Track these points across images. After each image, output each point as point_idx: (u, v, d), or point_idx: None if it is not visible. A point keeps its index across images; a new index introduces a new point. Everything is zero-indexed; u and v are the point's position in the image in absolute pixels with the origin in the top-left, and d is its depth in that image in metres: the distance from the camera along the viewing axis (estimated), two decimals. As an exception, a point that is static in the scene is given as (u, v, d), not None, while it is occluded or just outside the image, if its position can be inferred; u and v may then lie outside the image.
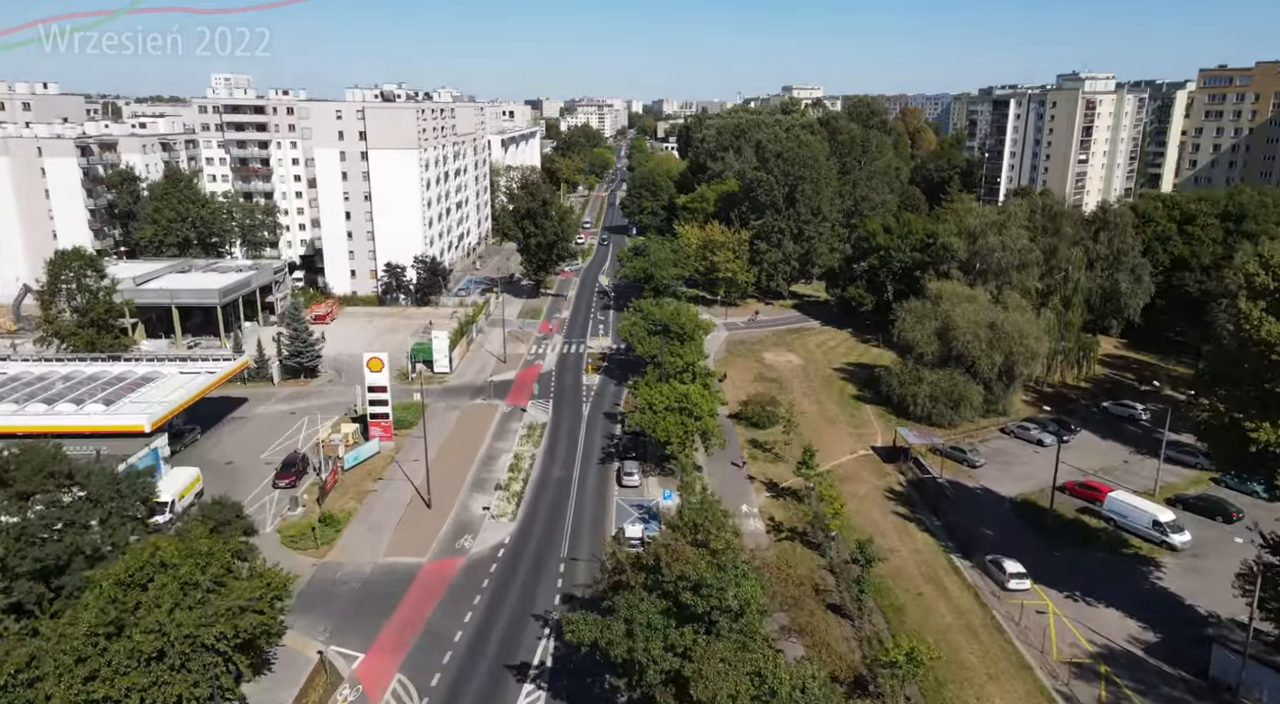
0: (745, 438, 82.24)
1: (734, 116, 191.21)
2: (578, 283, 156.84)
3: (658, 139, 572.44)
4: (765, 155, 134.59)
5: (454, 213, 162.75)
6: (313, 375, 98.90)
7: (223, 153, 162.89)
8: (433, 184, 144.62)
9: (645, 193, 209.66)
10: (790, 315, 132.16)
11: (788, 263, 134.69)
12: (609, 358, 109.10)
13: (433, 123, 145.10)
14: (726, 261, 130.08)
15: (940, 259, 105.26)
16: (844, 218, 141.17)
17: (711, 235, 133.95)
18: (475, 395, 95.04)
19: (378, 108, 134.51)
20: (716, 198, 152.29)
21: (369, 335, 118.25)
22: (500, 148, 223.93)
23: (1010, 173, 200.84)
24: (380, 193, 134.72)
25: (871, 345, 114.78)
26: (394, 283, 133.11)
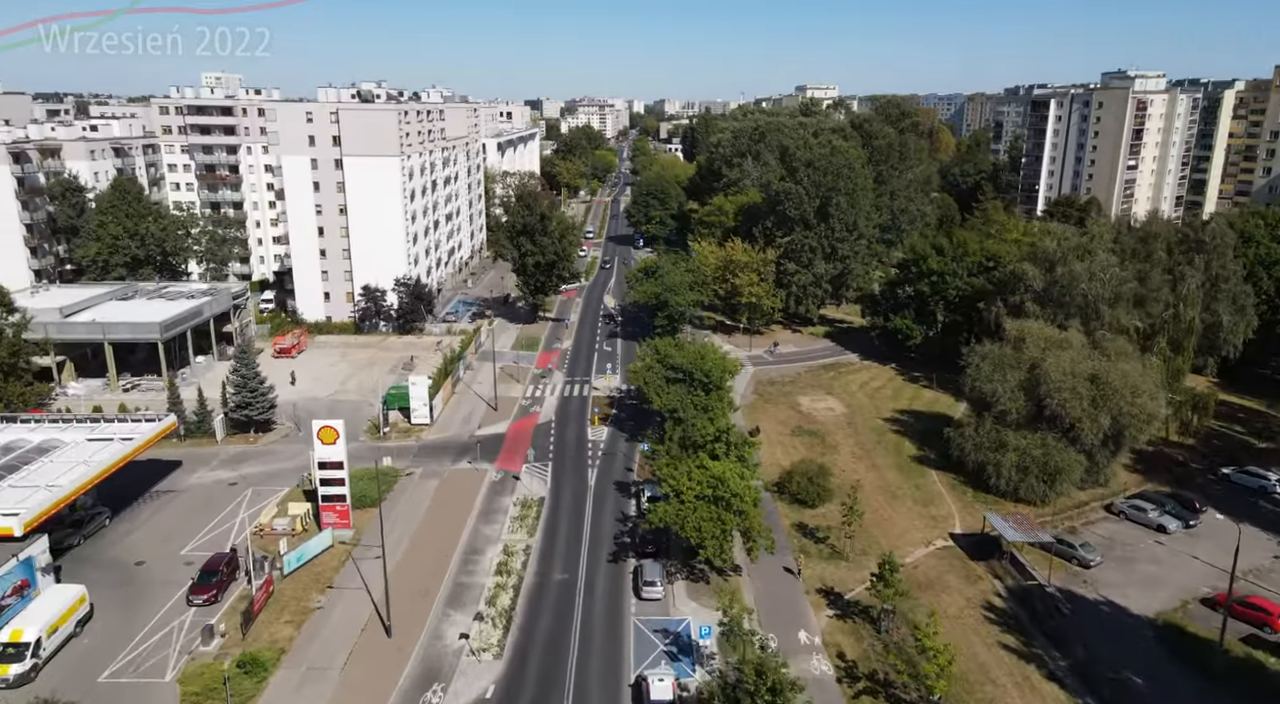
0: (791, 521, 66.17)
1: (750, 118, 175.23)
2: (580, 304, 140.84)
3: (660, 140, 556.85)
4: (793, 163, 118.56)
5: (443, 226, 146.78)
6: (266, 429, 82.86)
7: (187, 159, 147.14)
8: (418, 195, 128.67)
9: (653, 201, 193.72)
10: (823, 346, 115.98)
11: (819, 285, 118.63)
12: (618, 403, 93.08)
13: (418, 126, 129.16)
14: (750, 284, 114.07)
15: (1009, 288, 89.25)
16: (879, 233, 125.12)
17: (733, 254, 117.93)
18: (459, 456, 79.00)
19: (354, 110, 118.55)
20: (736, 210, 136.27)
21: (340, 372, 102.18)
22: (496, 152, 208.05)
23: (1050, 180, 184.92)
24: (357, 206, 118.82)
25: (923, 386, 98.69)
26: (373, 308, 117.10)
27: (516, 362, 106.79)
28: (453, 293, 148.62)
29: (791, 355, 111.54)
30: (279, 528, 62.60)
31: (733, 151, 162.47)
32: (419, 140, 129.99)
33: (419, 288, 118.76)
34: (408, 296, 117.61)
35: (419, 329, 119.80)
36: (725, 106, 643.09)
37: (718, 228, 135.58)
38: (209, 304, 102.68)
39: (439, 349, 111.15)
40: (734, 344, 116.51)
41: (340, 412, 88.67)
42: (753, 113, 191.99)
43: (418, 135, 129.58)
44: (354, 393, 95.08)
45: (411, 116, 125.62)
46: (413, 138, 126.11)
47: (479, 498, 70.12)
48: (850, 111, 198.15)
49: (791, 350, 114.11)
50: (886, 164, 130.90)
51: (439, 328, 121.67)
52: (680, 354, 79.41)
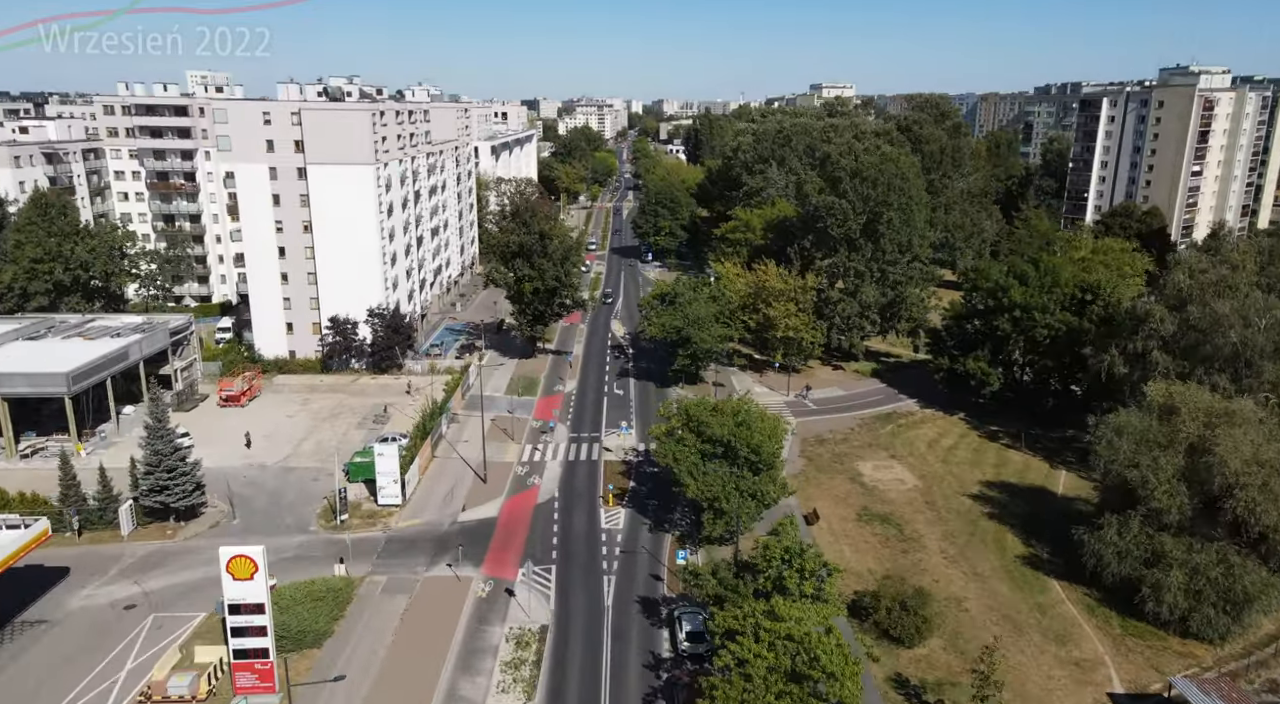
0: (885, 670, 48.41)
1: (772, 119, 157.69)
2: (585, 331, 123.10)
3: (660, 141, 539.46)
4: (836, 173, 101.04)
5: (428, 242, 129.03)
6: (190, 516, 65.06)
7: (136, 165, 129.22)
8: (397, 208, 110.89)
9: (662, 210, 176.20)
10: (872, 389, 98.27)
11: (866, 316, 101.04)
12: (635, 471, 75.46)
13: (397, 129, 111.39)
14: (786, 315, 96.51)
15: (1124, 331, 71.83)
16: (931, 252, 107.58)
17: (765, 280, 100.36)
18: (437, 554, 61.23)
19: (319, 110, 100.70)
20: (764, 225, 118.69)
21: (298, 427, 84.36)
22: (490, 156, 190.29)
23: (1100, 186, 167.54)
24: (324, 222, 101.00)
25: (1004, 444, 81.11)
26: (341, 344, 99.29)
27: (511, 410, 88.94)
28: (439, 318, 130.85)
29: (838, 402, 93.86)
30: (175, 691, 44.76)
31: (754, 156, 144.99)
32: (398, 145, 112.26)
33: (397, 319, 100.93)
34: (383, 329, 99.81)
35: (397, 367, 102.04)
36: (725, 106, 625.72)
37: (743, 245, 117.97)
38: (140, 343, 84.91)
39: (418, 393, 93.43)
40: (766, 384, 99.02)
41: (290, 486, 71.19)
42: (773, 113, 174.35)
43: (397, 139, 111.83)
44: (311, 457, 77.29)
45: (389, 118, 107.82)
46: (391, 142, 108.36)
47: (460, 628, 52.27)
48: (880, 111, 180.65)
49: (836, 394, 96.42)
50: (938, 172, 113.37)
51: (421, 365, 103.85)
52: (717, 421, 61.77)
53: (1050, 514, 66.21)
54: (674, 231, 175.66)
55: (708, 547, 61.79)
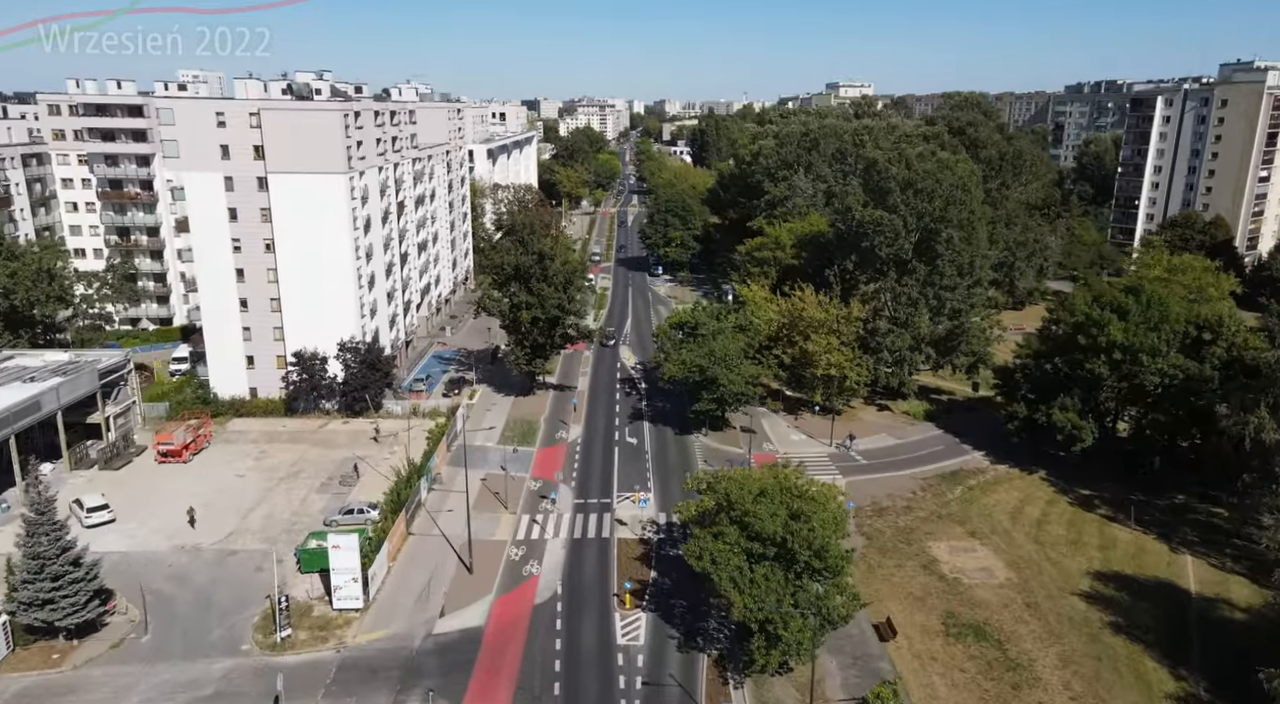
0: None
1: (795, 120, 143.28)
2: (591, 360, 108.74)
3: (664, 142, 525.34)
4: (883, 183, 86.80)
5: (414, 259, 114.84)
6: (88, 631, 50.73)
7: (86, 172, 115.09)
8: (375, 223, 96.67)
9: (672, 219, 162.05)
10: (928, 437, 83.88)
11: (919, 350, 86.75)
12: (657, 555, 61.17)
13: (375, 131, 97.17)
14: (827, 350, 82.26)
15: (1268, 382, 57.58)
16: (994, 272, 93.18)
17: (802, 308, 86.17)
18: (403, 688, 46.94)
19: (282, 110, 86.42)
20: (795, 242, 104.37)
21: (249, 491, 70.06)
22: (486, 160, 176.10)
23: (1153, 193, 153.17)
24: (289, 240, 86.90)
25: (1103, 515, 66.66)
26: (307, 383, 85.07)
27: (504, 464, 74.45)
28: (427, 343, 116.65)
29: (889, 454, 79.55)
30: None
31: (777, 162, 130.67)
32: (378, 150, 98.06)
33: (373, 353, 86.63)
34: (357, 365, 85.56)
35: (374, 408, 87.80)
36: (729, 107, 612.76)
37: (771, 265, 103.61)
38: (59, 390, 70.81)
39: (393, 441, 79.22)
40: (802, 429, 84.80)
41: (226, 580, 57.23)
42: (795, 114, 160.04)
43: (376, 143, 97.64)
44: (258, 535, 63.00)
45: (366, 119, 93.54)
46: (368, 147, 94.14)
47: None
48: (911, 112, 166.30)
49: (886, 443, 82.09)
50: (996, 180, 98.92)
51: (401, 406, 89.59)
52: (765, 511, 47.54)
53: (1195, 626, 51.88)
54: (685, 242, 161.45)
55: (757, 677, 47.54)
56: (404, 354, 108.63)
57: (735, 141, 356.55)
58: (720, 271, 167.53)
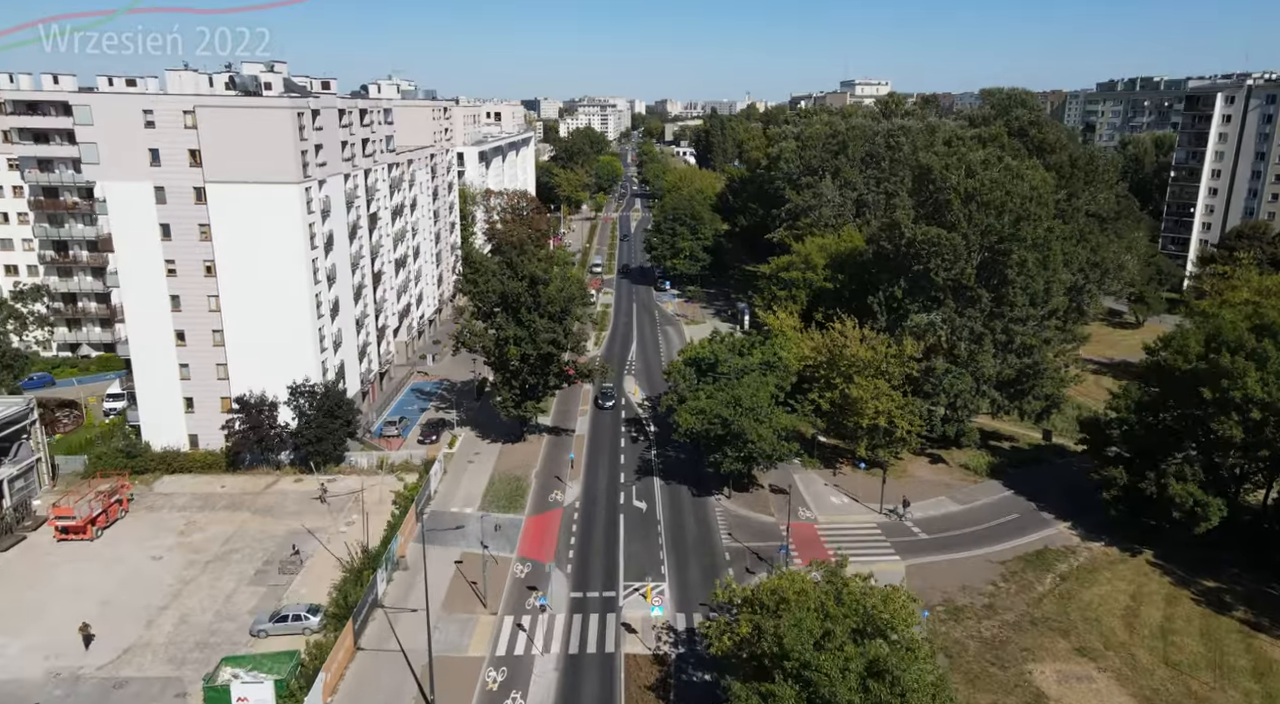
0: None
1: (818, 120, 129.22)
2: (591, 396, 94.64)
3: (666, 142, 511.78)
4: (940, 194, 72.89)
5: (390, 278, 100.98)
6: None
7: (18, 178, 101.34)
8: (340, 239, 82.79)
9: (680, 228, 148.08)
10: (997, 499, 69.78)
11: (983, 393, 72.78)
12: (677, 679, 47.21)
13: (340, 133, 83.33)
14: (873, 395, 68.34)
15: None
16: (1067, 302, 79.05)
17: (843, 344, 72.25)
18: None
19: (222, 107, 72.41)
20: (828, 262, 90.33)
21: (160, 585, 56.06)
22: (478, 163, 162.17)
23: (1211, 200, 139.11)
24: (233, 262, 73.14)
25: (1238, 618, 52.75)
26: (251, 435, 71.11)
27: (484, 540, 60.36)
28: (406, 373, 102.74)
29: (953, 524, 65.55)
30: None
31: (800, 167, 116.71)
32: (344, 154, 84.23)
33: (332, 398, 72.65)
34: (313, 412, 71.60)
35: (334, 460, 73.93)
36: (732, 106, 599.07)
37: (801, 288, 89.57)
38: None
39: (355, 506, 65.26)
40: (844, 490, 70.87)
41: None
42: (816, 113, 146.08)
43: (342, 147, 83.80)
44: (161, 653, 49.00)
45: (328, 119, 79.58)
46: (330, 151, 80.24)
47: None
48: (944, 111, 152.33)
49: (948, 509, 68.08)
50: (1065, 190, 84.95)
51: (368, 458, 75.73)
52: (834, 666, 33.99)
53: None
54: (695, 254, 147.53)
55: None
56: (377, 389, 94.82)
57: (742, 143, 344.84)
58: (733, 285, 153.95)
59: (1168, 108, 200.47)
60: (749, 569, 58.72)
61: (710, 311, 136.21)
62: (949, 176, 72.21)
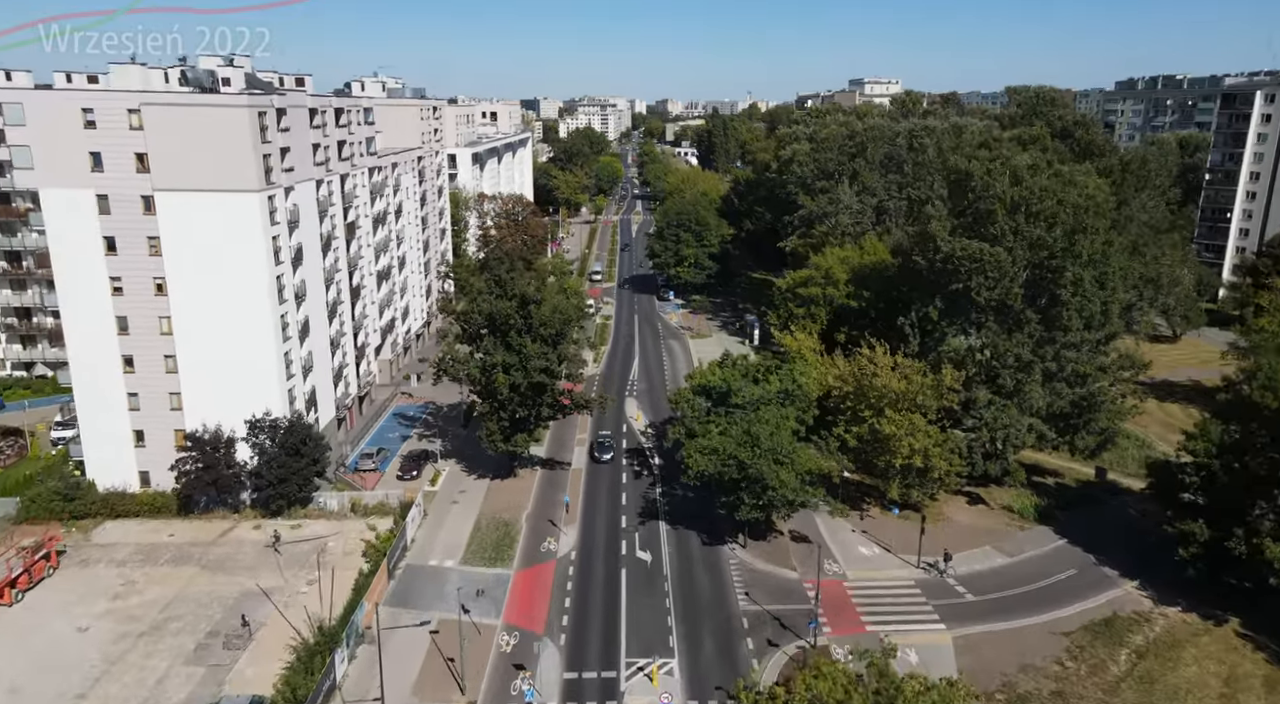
0: None
1: (833, 120, 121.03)
2: (590, 424, 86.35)
3: (667, 142, 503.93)
4: (982, 202, 64.69)
5: (371, 293, 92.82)
6: None
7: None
8: (310, 253, 74.51)
9: (684, 233, 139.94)
10: (1049, 550, 61.48)
11: (1030, 427, 64.50)
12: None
13: (310, 135, 75.07)
14: (908, 431, 60.19)
15: None
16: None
17: (873, 373, 64.11)
18: None
19: (172, 105, 64.10)
20: (851, 276, 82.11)
21: (89, 656, 47.89)
22: (471, 166, 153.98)
23: (1249, 205, 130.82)
24: (186, 279, 65.05)
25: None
26: (205, 475, 62.92)
27: (465, 605, 52.12)
28: (389, 395, 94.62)
29: (1004, 581, 57.26)
30: None
31: (815, 171, 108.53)
32: (316, 158, 76.01)
33: (297, 434, 64.42)
34: (276, 449, 63.42)
35: (300, 503, 65.77)
36: (733, 106, 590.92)
37: (821, 305, 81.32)
38: None
39: (323, 562, 57.02)
40: (875, 539, 62.67)
41: None
42: (830, 113, 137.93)
43: (314, 150, 75.59)
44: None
45: (296, 119, 71.20)
46: (300, 154, 72.00)
47: None
48: (965, 110, 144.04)
49: (995, 562, 59.78)
50: (1116, 197, 76.62)
51: (339, 499, 67.57)
52: None
53: None
54: (700, 261, 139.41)
55: None
56: (355, 415, 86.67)
57: (745, 143, 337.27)
58: (741, 294, 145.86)
59: (1192, 106, 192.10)
60: (771, 641, 50.61)
61: (717, 323, 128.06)
62: (992, 183, 64.00)
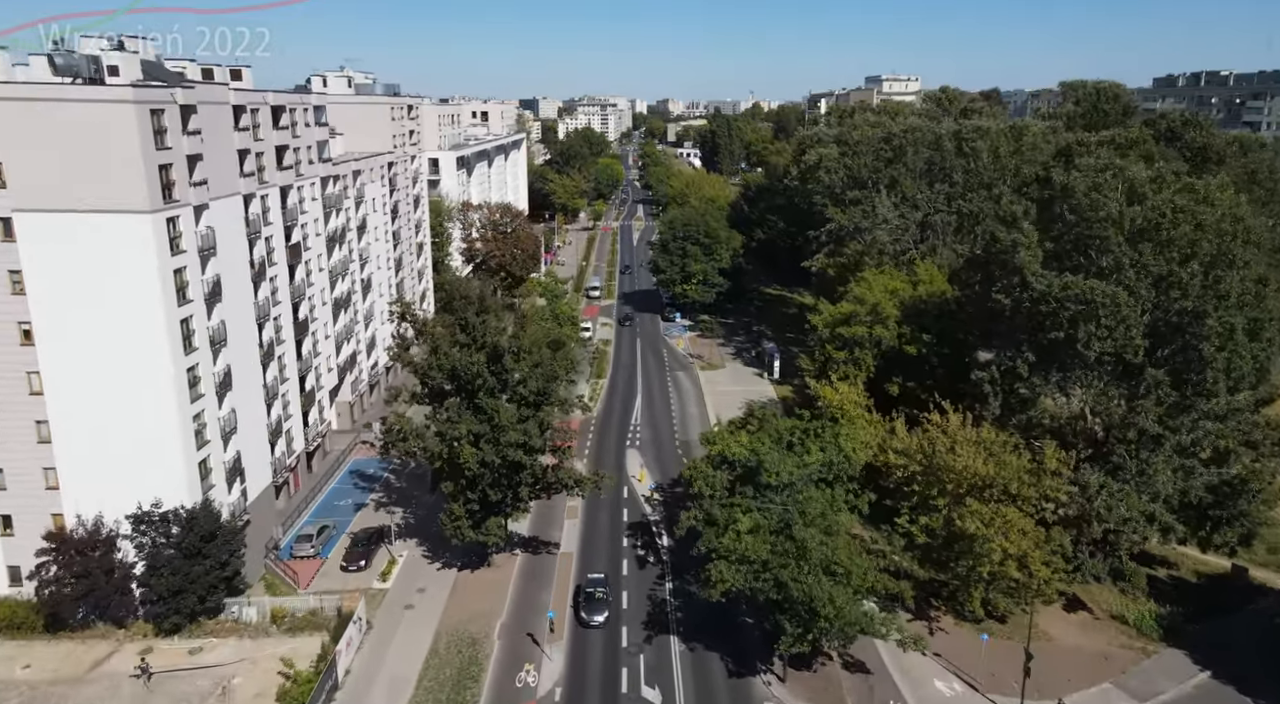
0: None
1: (861, 121, 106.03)
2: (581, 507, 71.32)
3: (669, 143, 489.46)
4: (1091, 227, 49.81)
5: (325, 326, 77.89)
6: None
7: None
8: (234, 287, 59.39)
9: (691, 247, 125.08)
10: (1199, 692, 46.64)
11: (1153, 518, 49.52)
12: None
13: (238, 140, 60.15)
14: (999, 530, 45.33)
15: None
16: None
17: (948, 448, 49.22)
18: None
19: (32, 102, 49.15)
20: (903, 312, 66.92)
21: None
22: (457, 171, 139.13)
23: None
24: (62, 324, 50.26)
25: None
26: (79, 584, 47.99)
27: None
28: (349, 443, 79.80)
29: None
30: None
31: (846, 180, 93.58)
32: (243, 168, 61.08)
33: (199, 528, 49.39)
34: (174, 551, 48.47)
35: (207, 614, 50.85)
36: (735, 106, 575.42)
37: (866, 347, 66.21)
38: None
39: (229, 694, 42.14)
40: (951, 664, 47.57)
41: None
42: (859, 112, 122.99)
43: (241, 158, 60.68)
44: None
45: (211, 120, 56.19)
46: (217, 164, 57.03)
47: None
48: (1010, 108, 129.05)
49: (1119, 705, 45.00)
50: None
51: (258, 607, 52.66)
52: None
53: None
54: (709, 278, 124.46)
55: None
56: (302, 474, 71.80)
57: (750, 144, 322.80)
58: (755, 314, 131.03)
59: (1240, 104, 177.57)
60: None
61: (730, 350, 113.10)
62: (1104, 201, 49.07)
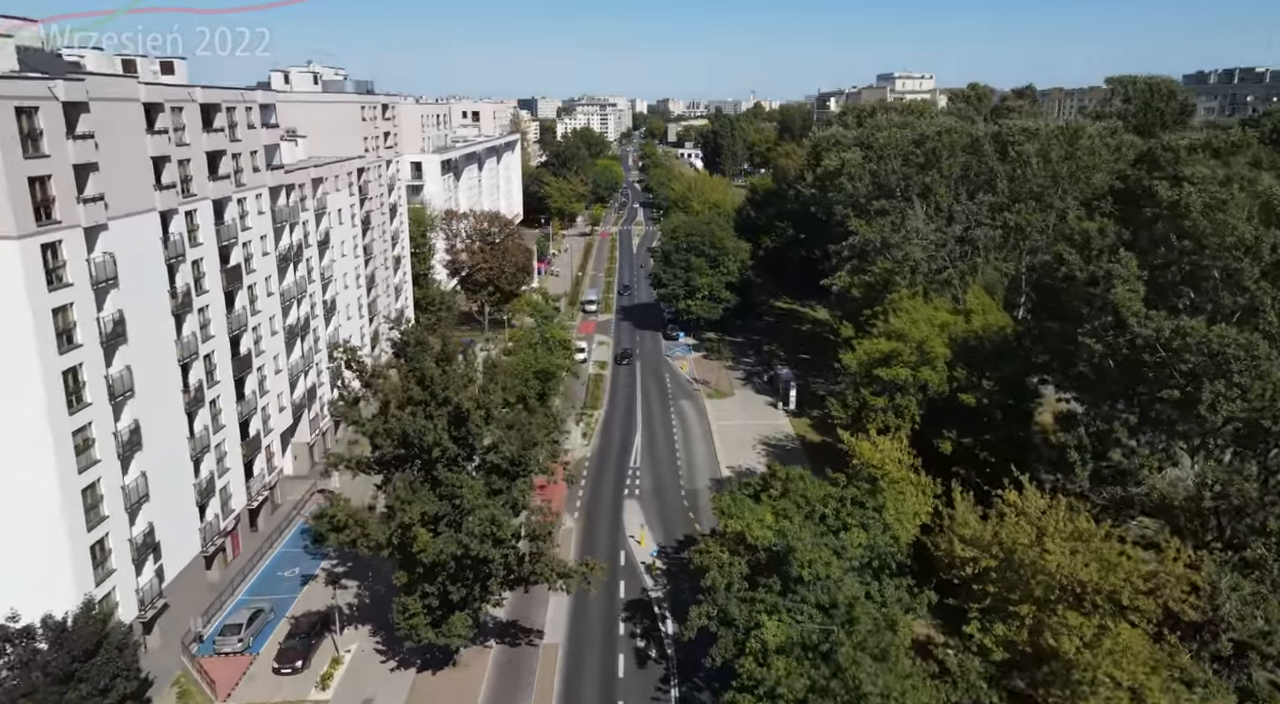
0: None
1: (886, 121, 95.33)
2: (574, 543, 60.74)
3: (669, 143, 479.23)
4: (1195, 255, 39.18)
5: (271, 362, 67.25)
6: None
7: None
8: (135, 328, 48.76)
9: (695, 259, 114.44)
10: None
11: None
12: None
13: (149, 145, 49.60)
14: (1106, 652, 34.70)
15: None
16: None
17: (1032, 538, 38.55)
18: None
19: None
20: (955, 352, 56.15)
21: None
22: (442, 176, 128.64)
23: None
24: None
25: None
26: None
27: None
28: (304, 494, 69.19)
29: None
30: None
31: (873, 189, 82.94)
32: (161, 180, 50.55)
33: (76, 644, 38.76)
34: (37, 674, 37.82)
35: (96, 743, 40.17)
36: (736, 106, 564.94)
37: (912, 393, 55.51)
38: None
39: None
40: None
41: None
42: (884, 111, 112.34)
43: (158, 167, 50.16)
44: None
45: (113, 121, 45.57)
46: (122, 176, 46.50)
47: None
48: (1042, 107, 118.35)
49: None
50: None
51: (160, 732, 42.07)
52: None
53: None
54: (716, 292, 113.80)
55: None
56: (242, 536, 61.21)
57: (754, 145, 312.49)
58: (764, 331, 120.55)
59: (1277, 102, 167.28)
60: None
61: (739, 375, 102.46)
62: (1231, 224, 38.48)
